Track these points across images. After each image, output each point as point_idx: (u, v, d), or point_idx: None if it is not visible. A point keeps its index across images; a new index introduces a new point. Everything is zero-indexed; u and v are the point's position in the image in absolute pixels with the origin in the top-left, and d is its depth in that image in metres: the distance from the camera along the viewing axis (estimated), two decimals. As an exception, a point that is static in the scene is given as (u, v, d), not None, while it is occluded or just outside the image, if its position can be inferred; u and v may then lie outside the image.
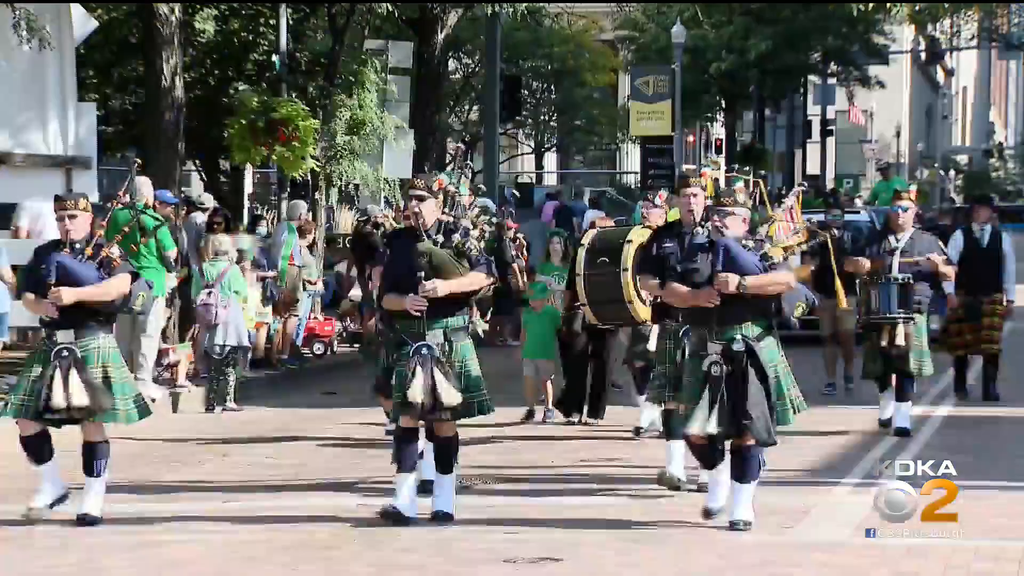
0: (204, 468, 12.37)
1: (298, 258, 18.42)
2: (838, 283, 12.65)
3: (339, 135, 21.08)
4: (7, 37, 14.59)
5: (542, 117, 40.94)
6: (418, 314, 9.53)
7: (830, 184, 47.16)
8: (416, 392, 9.40)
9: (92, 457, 9.86)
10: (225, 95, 21.46)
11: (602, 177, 46.34)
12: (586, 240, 11.54)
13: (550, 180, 44.32)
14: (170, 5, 18.73)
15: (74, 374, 9.54)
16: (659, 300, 10.23)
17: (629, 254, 11.04)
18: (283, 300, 18.08)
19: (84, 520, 9.71)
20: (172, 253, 15.27)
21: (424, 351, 9.49)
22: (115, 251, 9.77)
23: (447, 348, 9.57)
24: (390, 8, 22.77)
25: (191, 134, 20.39)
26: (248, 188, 22.41)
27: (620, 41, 42.93)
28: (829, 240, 10.48)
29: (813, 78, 47.91)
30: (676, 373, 10.13)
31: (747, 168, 45.19)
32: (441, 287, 9.52)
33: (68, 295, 9.53)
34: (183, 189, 21.85)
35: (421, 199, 9.67)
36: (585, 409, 14.25)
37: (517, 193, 32.58)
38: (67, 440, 10.21)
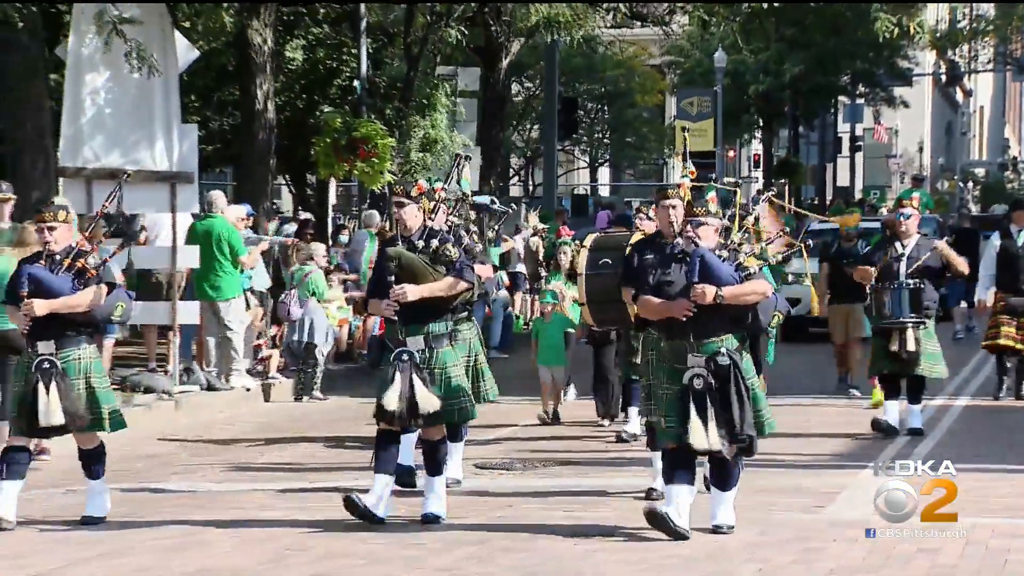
0: (292, 451, 12.44)
1: (378, 262, 18.48)
2: (813, 295, 11.99)
3: (413, 152, 21.15)
4: (119, 66, 14.70)
5: (596, 135, 40.90)
6: (392, 318, 8.85)
7: (859, 195, 46.94)
8: (391, 400, 8.75)
9: (89, 463, 9.18)
10: (312, 116, 21.58)
11: (650, 189, 46.21)
12: (588, 242, 10.59)
13: (603, 192, 44.25)
14: (263, 36, 18.86)
15: (54, 389, 8.84)
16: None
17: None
18: (363, 300, 18.14)
19: (88, 521, 9.09)
20: (245, 258, 15.43)
21: (404, 357, 8.80)
22: (92, 262, 9.01)
23: (427, 354, 8.84)
24: (459, 38, 22.79)
25: (281, 152, 20.52)
26: (332, 200, 22.48)
27: (667, 66, 42.82)
28: (804, 251, 9.58)
29: (843, 98, 47.65)
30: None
31: (782, 180, 45.02)
32: (411, 292, 8.76)
33: (40, 307, 8.82)
34: (274, 201, 21.99)
35: (401, 205, 9.00)
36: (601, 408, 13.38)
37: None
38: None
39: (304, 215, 19.82)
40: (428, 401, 8.76)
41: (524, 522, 9.07)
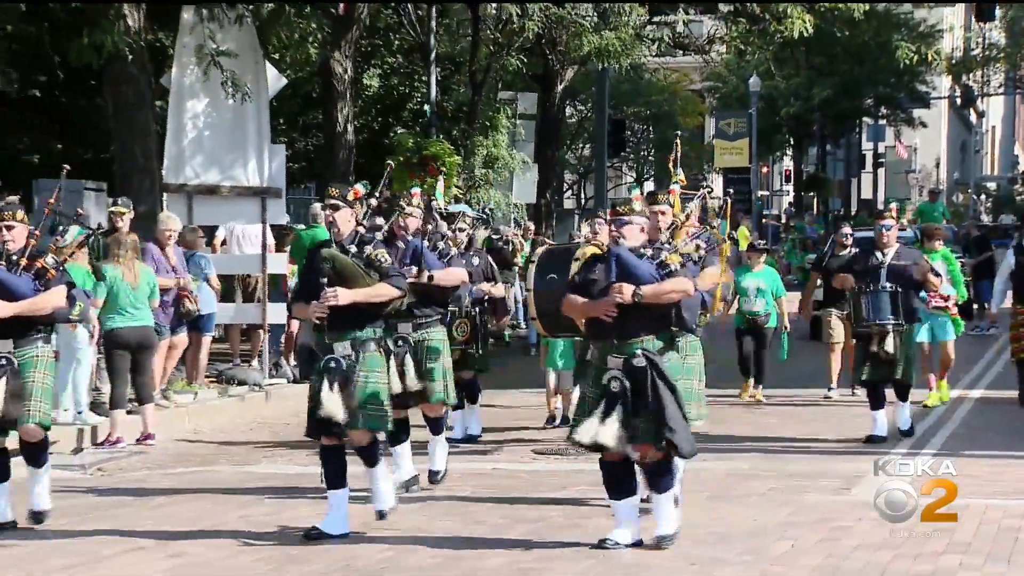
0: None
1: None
2: (717, 294, 9.79)
3: (477, 168, 21.22)
4: (217, 93, 14.85)
5: (642, 153, 40.75)
6: (318, 322, 7.82)
7: (880, 206, 46.61)
8: (332, 410, 7.78)
9: (34, 452, 8.29)
10: (386, 137, 21.69)
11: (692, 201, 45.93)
12: (536, 258, 9.38)
13: (649, 204, 44.08)
14: (343, 66, 18.98)
15: (2, 384, 8.00)
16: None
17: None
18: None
19: (36, 518, 8.26)
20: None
21: (332, 365, 7.77)
22: (50, 262, 8.15)
23: (353, 358, 7.79)
24: (519, 66, 22.82)
25: (359, 169, 20.62)
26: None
27: (706, 90, 42.65)
28: (728, 247, 8.32)
29: (867, 119, 47.36)
30: None
31: (811, 193, 44.60)
32: (343, 295, 7.70)
33: (4, 310, 7.99)
34: (353, 213, 22.04)
35: (335, 208, 7.90)
36: None
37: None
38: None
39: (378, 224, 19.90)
40: (333, 407, 7.77)
41: (578, 502, 9.05)
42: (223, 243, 16.67)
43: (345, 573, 7.29)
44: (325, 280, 7.73)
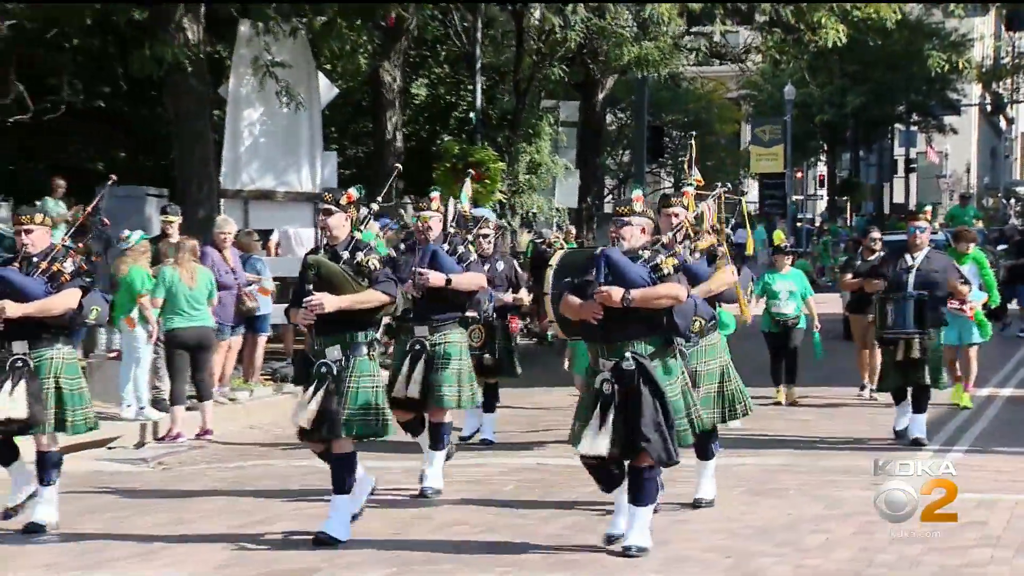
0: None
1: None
2: (740, 298, 8.43)
3: (521, 174, 21.22)
4: (272, 102, 14.95)
5: (680, 159, 40.68)
6: (305, 328, 7.53)
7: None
8: (305, 418, 7.49)
9: (42, 467, 8.00)
10: (433, 144, 21.75)
11: (729, 205, 45.75)
12: (554, 261, 8.53)
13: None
14: (392, 76, 19.04)
15: (22, 385, 7.75)
16: None
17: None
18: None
19: (31, 529, 7.92)
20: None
21: (323, 370, 7.45)
22: (67, 266, 7.86)
23: (344, 363, 7.47)
24: (561, 75, 22.81)
25: (407, 175, 20.71)
26: (450, 216, 22.62)
27: (742, 98, 42.48)
28: (728, 251, 7.94)
29: (899, 126, 47.04)
30: None
31: (844, 198, 44.32)
32: (328, 303, 7.35)
33: (12, 310, 7.70)
34: (400, 216, 22.16)
35: (329, 213, 7.61)
36: None
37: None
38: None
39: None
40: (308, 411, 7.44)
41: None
42: (278, 246, 16.80)
43: (394, 563, 7.30)
44: (310, 287, 7.42)
